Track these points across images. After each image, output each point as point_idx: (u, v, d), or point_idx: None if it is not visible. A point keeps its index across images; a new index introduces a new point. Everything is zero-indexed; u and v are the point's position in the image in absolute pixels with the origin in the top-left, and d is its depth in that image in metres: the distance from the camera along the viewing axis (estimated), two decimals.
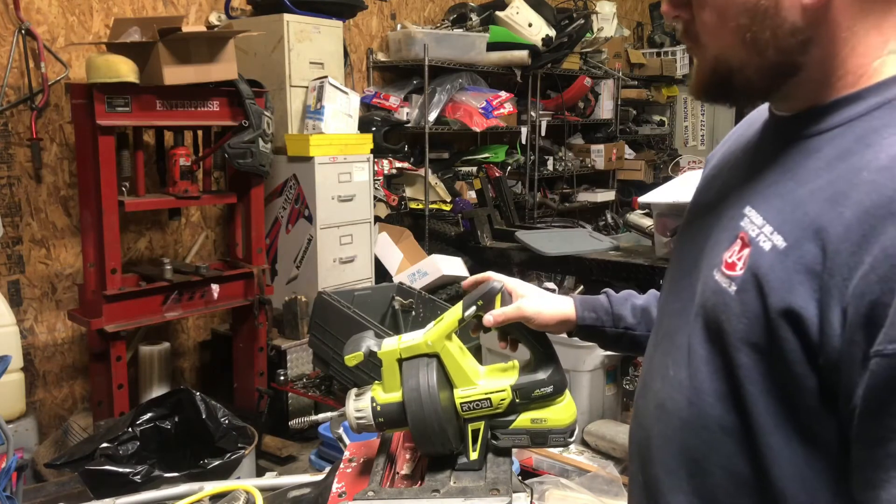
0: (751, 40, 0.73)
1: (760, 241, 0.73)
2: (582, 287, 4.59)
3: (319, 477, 1.37)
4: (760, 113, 0.89)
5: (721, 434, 0.76)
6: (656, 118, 7.01)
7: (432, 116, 4.46)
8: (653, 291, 1.16)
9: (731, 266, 0.75)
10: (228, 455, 2.30)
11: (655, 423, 0.85)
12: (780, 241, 0.71)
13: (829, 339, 0.66)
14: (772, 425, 0.72)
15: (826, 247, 0.67)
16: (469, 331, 1.08)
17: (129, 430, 2.32)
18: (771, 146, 0.81)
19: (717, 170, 0.93)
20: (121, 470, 2.15)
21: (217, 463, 2.26)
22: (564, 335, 1.14)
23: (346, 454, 1.13)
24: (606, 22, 6.08)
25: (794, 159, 0.76)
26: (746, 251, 0.74)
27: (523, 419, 1.01)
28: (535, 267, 4.48)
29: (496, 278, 1.11)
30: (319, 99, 3.61)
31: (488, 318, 1.04)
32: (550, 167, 5.61)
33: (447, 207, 4.56)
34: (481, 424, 0.99)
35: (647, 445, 0.87)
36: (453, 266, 3.97)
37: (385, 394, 0.99)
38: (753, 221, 0.75)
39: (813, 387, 0.68)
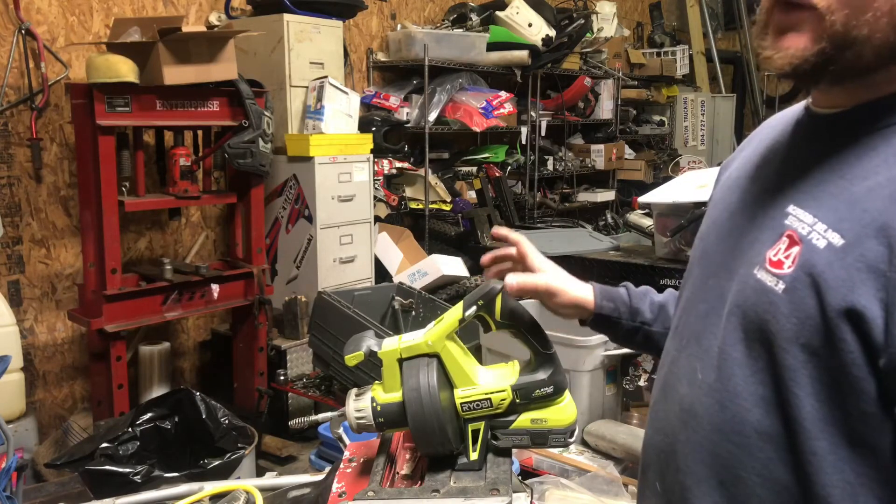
0: None
1: (813, 238, 0.70)
2: None
3: (319, 477, 1.37)
4: (783, 117, 0.87)
5: (758, 439, 0.73)
6: (656, 118, 7.01)
7: (432, 116, 4.46)
8: (671, 290, 1.14)
9: (778, 264, 0.73)
10: (228, 455, 2.30)
11: (682, 428, 0.82)
12: (836, 239, 0.68)
13: (894, 340, 0.63)
14: (818, 430, 0.69)
15: (892, 244, 0.65)
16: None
17: (129, 430, 2.32)
18: (811, 144, 0.78)
19: (742, 171, 0.90)
20: (121, 470, 2.15)
21: (217, 463, 2.26)
22: (570, 336, 1.12)
23: (346, 454, 1.13)
24: (606, 22, 6.08)
25: (843, 157, 0.73)
26: (796, 249, 0.71)
27: (523, 419, 1.01)
28: None
29: (524, 245, 1.08)
30: (319, 99, 3.61)
31: (511, 283, 1.01)
32: (550, 167, 5.61)
33: (447, 207, 4.56)
34: (481, 424, 0.99)
35: (670, 452, 0.83)
36: (453, 266, 3.97)
37: (385, 394, 0.99)
38: (802, 219, 0.73)
39: (870, 390, 0.66)
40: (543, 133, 5.42)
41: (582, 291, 1.09)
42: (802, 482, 0.71)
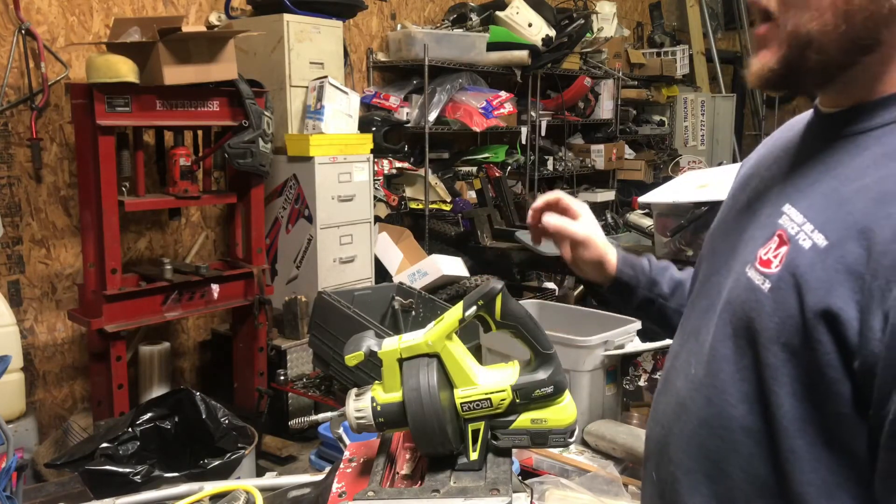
0: (843, 2, 0.68)
1: (800, 239, 0.71)
2: (582, 287, 4.58)
3: (319, 477, 1.37)
4: (802, 118, 0.88)
5: (742, 435, 0.74)
6: (656, 118, 7.01)
7: (432, 116, 4.46)
8: (691, 269, 1.13)
9: (766, 263, 0.73)
10: (228, 455, 2.30)
11: (675, 421, 0.84)
12: (821, 240, 0.69)
13: (868, 343, 0.63)
14: (796, 429, 0.70)
15: (871, 247, 0.64)
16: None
17: (129, 430, 2.32)
18: (813, 144, 0.78)
19: (754, 169, 0.91)
20: (121, 470, 2.15)
21: (217, 463, 2.26)
22: (570, 336, 1.11)
23: (346, 454, 1.13)
24: (606, 22, 6.08)
25: (838, 157, 0.74)
26: (784, 249, 0.72)
27: (523, 419, 1.01)
28: (535, 267, 4.47)
29: (564, 198, 1.10)
30: (319, 99, 3.61)
31: (550, 223, 1.05)
32: (550, 167, 5.61)
33: (447, 207, 4.56)
34: (481, 424, 0.99)
35: (664, 444, 0.85)
36: (453, 266, 3.97)
37: (385, 394, 0.99)
38: (793, 219, 0.73)
39: (846, 392, 0.66)
40: (543, 133, 5.42)
41: (608, 249, 1.11)
42: (781, 479, 0.72)
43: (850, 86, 0.74)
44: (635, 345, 2.32)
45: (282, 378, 3.29)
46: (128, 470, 2.14)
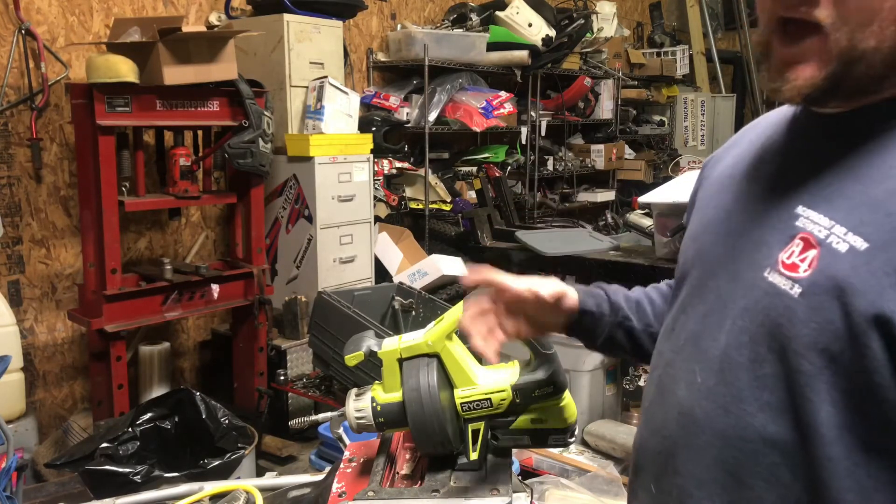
0: None
1: (833, 242, 0.69)
2: None
3: (319, 477, 1.37)
4: (774, 116, 0.86)
5: (763, 445, 0.72)
6: (656, 118, 7.00)
7: (432, 116, 4.46)
8: (638, 287, 1.10)
9: (793, 267, 0.71)
10: (228, 455, 2.30)
11: (681, 432, 0.81)
12: (859, 243, 0.67)
13: None
14: (835, 436, 0.68)
15: None
16: None
17: (129, 430, 2.32)
18: (819, 144, 0.77)
19: (736, 170, 0.88)
20: (121, 470, 2.15)
21: (217, 463, 2.26)
22: (563, 336, 1.08)
23: (346, 454, 1.13)
24: (606, 22, 6.08)
25: (857, 157, 0.72)
26: (813, 252, 0.70)
27: (523, 419, 1.01)
28: (535, 267, 4.47)
29: (496, 279, 1.00)
30: (319, 99, 3.61)
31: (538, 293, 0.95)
32: (550, 167, 5.61)
33: (447, 207, 4.56)
34: (481, 424, 0.99)
35: (669, 455, 0.82)
36: (453, 266, 3.97)
37: (385, 394, 0.99)
38: (817, 222, 0.71)
39: (892, 398, 0.65)
40: (543, 133, 5.41)
41: (561, 286, 1.01)
42: (814, 487, 0.70)
43: (865, 93, 0.73)
44: None
45: (282, 378, 3.29)
46: (128, 470, 2.15)
